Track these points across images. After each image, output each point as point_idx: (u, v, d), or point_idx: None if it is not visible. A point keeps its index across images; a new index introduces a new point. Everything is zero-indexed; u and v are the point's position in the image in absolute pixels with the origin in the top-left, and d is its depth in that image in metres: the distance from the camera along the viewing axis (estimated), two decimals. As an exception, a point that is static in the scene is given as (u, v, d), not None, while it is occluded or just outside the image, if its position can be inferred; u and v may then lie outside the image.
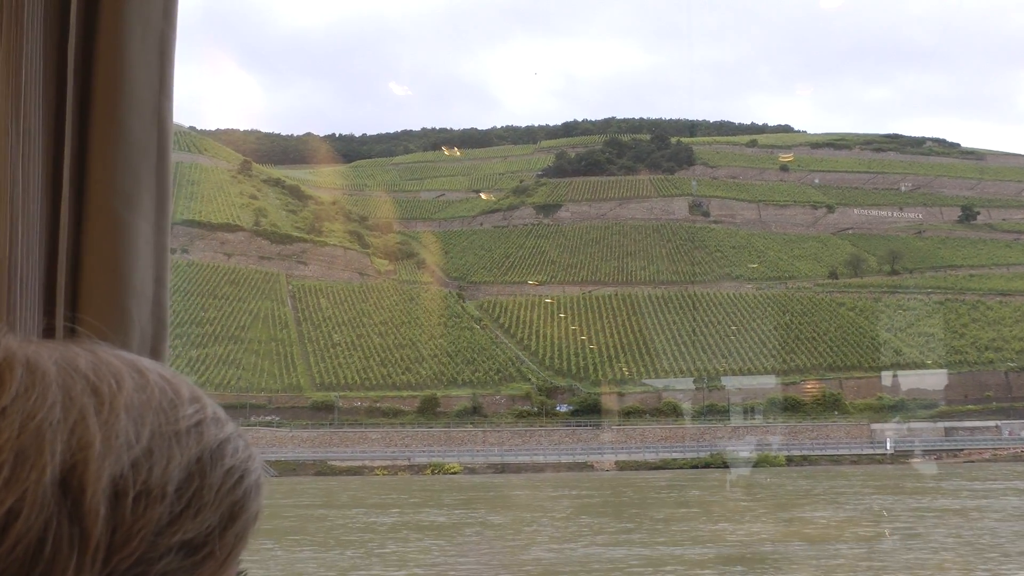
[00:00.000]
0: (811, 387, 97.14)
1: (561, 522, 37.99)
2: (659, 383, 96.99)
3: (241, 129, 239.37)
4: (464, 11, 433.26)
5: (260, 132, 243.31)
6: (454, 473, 69.83)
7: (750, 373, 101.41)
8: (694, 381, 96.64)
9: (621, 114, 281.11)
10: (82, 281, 1.04)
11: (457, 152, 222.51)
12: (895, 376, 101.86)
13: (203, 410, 0.63)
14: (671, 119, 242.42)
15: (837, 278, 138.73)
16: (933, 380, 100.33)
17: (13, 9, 1.00)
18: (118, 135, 1.04)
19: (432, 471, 70.27)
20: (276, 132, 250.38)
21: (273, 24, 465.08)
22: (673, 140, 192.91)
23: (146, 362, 0.63)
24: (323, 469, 70.53)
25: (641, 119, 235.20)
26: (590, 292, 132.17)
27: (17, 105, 0.99)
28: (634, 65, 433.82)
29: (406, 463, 71.95)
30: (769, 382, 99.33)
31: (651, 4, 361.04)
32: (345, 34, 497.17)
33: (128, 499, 0.54)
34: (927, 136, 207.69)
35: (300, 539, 32.98)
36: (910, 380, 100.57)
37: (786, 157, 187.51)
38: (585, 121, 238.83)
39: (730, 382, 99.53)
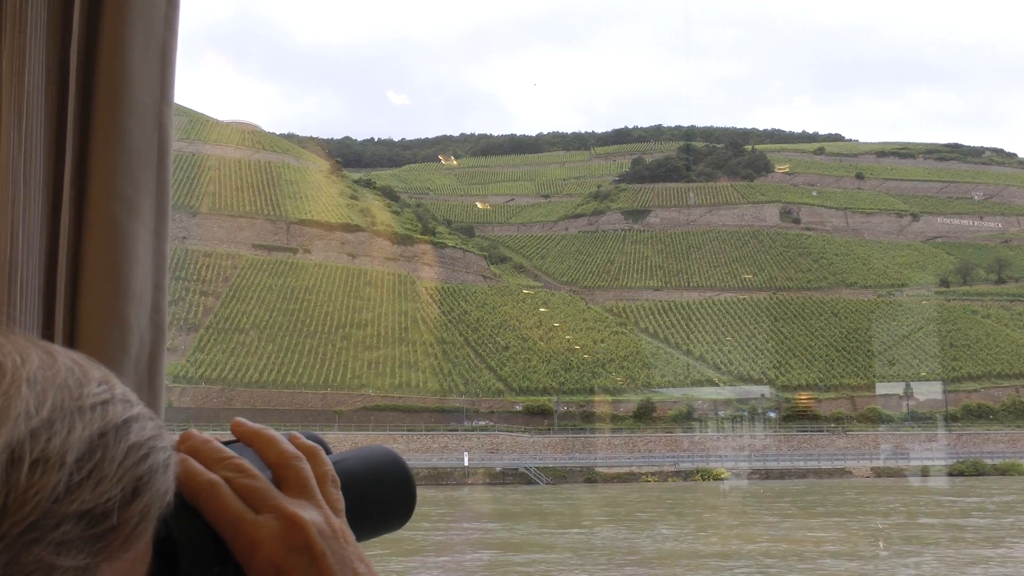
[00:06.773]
0: (997, 395, 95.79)
1: None
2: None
3: (277, 133, 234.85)
4: (489, 26, 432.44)
5: (297, 136, 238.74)
6: (723, 479, 67.26)
7: (922, 379, 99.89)
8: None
9: (667, 122, 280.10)
10: (81, 286, 1.02)
11: (508, 158, 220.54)
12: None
13: (111, 391, 0.63)
14: (721, 127, 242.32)
15: (948, 286, 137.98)
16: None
17: (16, 15, 1.00)
18: (119, 141, 1.03)
19: (701, 477, 67.64)
20: (314, 136, 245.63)
21: (293, 37, 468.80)
22: (747, 148, 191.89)
23: (59, 347, 0.64)
24: (591, 476, 67.49)
25: (691, 127, 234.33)
26: (710, 298, 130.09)
27: (19, 110, 0.99)
28: (657, 78, 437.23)
29: (672, 468, 69.16)
30: (936, 389, 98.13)
31: (668, 20, 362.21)
32: (365, 46, 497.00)
33: (24, 465, 0.55)
34: (985, 146, 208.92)
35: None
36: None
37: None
38: (636, 128, 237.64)
39: (890, 389, 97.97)
